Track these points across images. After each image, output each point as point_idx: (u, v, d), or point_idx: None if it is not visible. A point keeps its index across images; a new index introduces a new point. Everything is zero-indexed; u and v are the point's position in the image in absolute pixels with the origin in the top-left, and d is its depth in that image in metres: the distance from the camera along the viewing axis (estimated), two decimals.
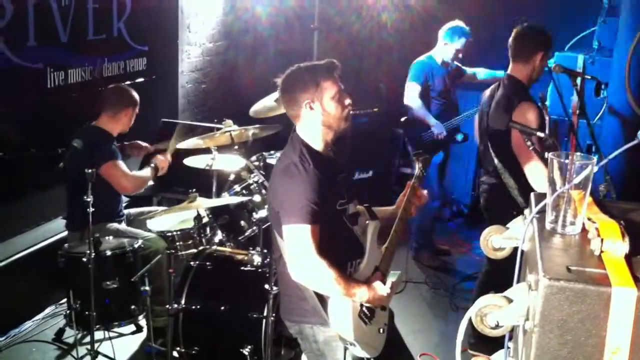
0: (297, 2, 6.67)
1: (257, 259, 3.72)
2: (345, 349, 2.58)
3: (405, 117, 5.40)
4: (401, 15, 6.53)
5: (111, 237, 3.95)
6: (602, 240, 1.37)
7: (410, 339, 3.20)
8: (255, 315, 3.50)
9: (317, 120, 2.61)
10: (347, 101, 2.64)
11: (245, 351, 3.49)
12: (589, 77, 4.01)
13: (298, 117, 2.65)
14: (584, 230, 1.49)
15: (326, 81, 2.60)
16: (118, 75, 5.15)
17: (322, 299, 2.55)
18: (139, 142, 4.57)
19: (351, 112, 2.68)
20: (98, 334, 3.80)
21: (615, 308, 1.22)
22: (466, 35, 5.15)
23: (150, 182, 4.38)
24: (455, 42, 5.16)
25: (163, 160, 4.37)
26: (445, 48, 5.19)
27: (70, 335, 4.09)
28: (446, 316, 4.64)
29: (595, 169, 1.50)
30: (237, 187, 4.04)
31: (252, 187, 4.02)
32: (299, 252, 2.46)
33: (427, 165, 2.99)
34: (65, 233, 4.32)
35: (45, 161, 4.28)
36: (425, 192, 2.90)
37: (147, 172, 4.29)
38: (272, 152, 4.68)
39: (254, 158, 4.25)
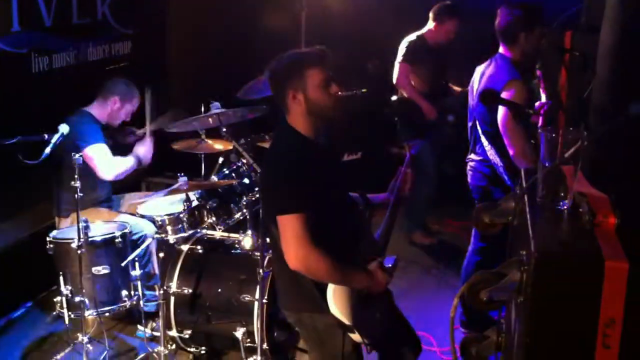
0: None
1: (248, 242, 3.71)
2: (345, 335, 2.58)
3: (396, 97, 5.37)
4: None
5: (100, 223, 3.93)
6: (593, 214, 1.36)
7: None
8: (247, 299, 3.49)
9: (302, 109, 2.57)
10: (335, 89, 2.58)
11: (238, 334, 3.49)
12: (577, 54, 4.00)
13: (285, 106, 2.62)
14: (575, 205, 1.48)
15: (311, 70, 2.54)
16: (103, 59, 5.09)
17: (320, 286, 2.55)
18: (128, 127, 4.52)
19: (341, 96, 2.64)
20: (90, 320, 3.77)
21: (608, 281, 1.22)
22: (457, 16, 5.11)
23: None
24: (445, 23, 5.12)
25: (145, 150, 4.30)
26: (436, 28, 5.15)
27: (61, 321, 4.07)
28: (438, 295, 4.65)
29: (585, 143, 1.49)
30: (226, 170, 4.02)
31: (241, 169, 4.00)
32: (295, 241, 2.45)
33: (417, 151, 2.99)
34: (54, 219, 4.29)
35: (31, 147, 4.23)
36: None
37: (129, 160, 4.22)
38: (261, 134, 4.64)
39: (242, 140, 4.21)
